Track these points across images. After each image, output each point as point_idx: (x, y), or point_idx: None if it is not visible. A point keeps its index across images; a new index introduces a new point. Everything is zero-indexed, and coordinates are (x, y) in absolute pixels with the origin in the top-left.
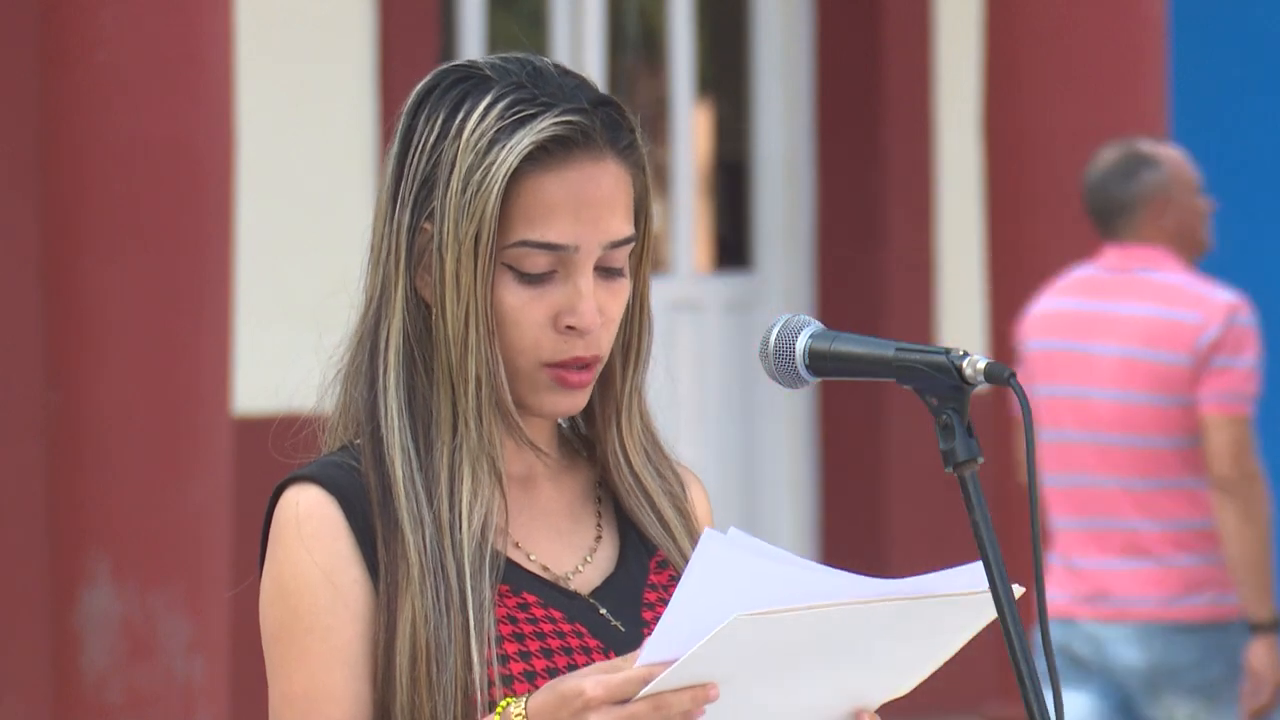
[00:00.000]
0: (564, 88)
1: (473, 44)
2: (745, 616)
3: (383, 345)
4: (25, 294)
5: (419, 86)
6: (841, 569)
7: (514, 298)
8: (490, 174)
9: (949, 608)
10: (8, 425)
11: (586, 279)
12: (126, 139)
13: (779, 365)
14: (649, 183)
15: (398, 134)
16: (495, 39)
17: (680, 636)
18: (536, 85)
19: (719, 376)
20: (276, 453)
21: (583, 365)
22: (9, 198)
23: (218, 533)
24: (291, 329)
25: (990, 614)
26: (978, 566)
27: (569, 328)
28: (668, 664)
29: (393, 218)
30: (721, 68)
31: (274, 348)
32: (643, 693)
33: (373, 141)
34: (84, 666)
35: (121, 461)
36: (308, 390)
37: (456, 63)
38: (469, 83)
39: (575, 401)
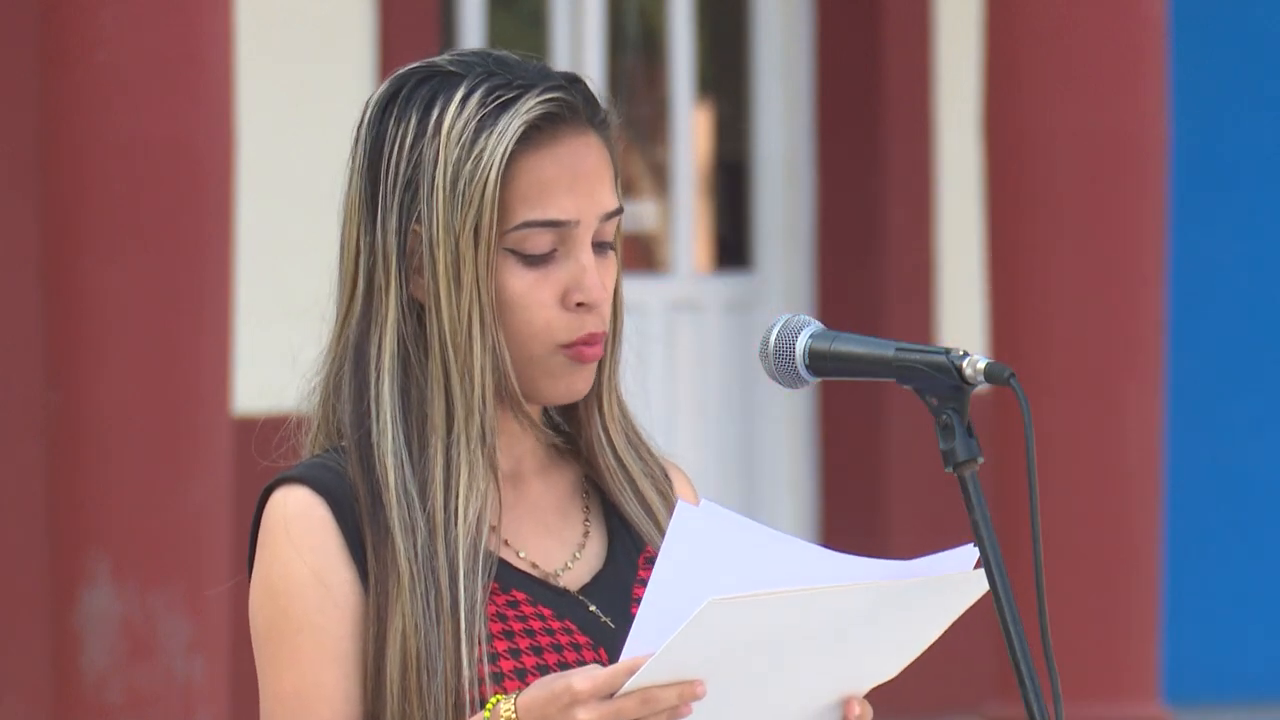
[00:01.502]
0: (531, 70)
1: (473, 44)
2: (719, 601)
3: (374, 352)
4: (25, 294)
5: (378, 93)
6: (823, 545)
7: (519, 282)
8: (483, 162)
9: (929, 590)
10: (8, 425)
11: (588, 253)
12: (126, 139)
13: (779, 365)
14: (620, 159)
15: (364, 145)
16: (495, 39)
17: (662, 621)
18: (507, 71)
19: (719, 376)
20: (263, 456)
21: (595, 341)
22: (9, 198)
23: (218, 533)
24: (291, 329)
25: (973, 595)
26: (965, 550)
27: (579, 304)
28: (651, 655)
29: (374, 225)
30: (721, 68)
31: (274, 348)
32: (627, 685)
33: None
34: (84, 666)
35: (121, 461)
36: (307, 391)
37: (413, 65)
38: (435, 81)
39: (586, 379)
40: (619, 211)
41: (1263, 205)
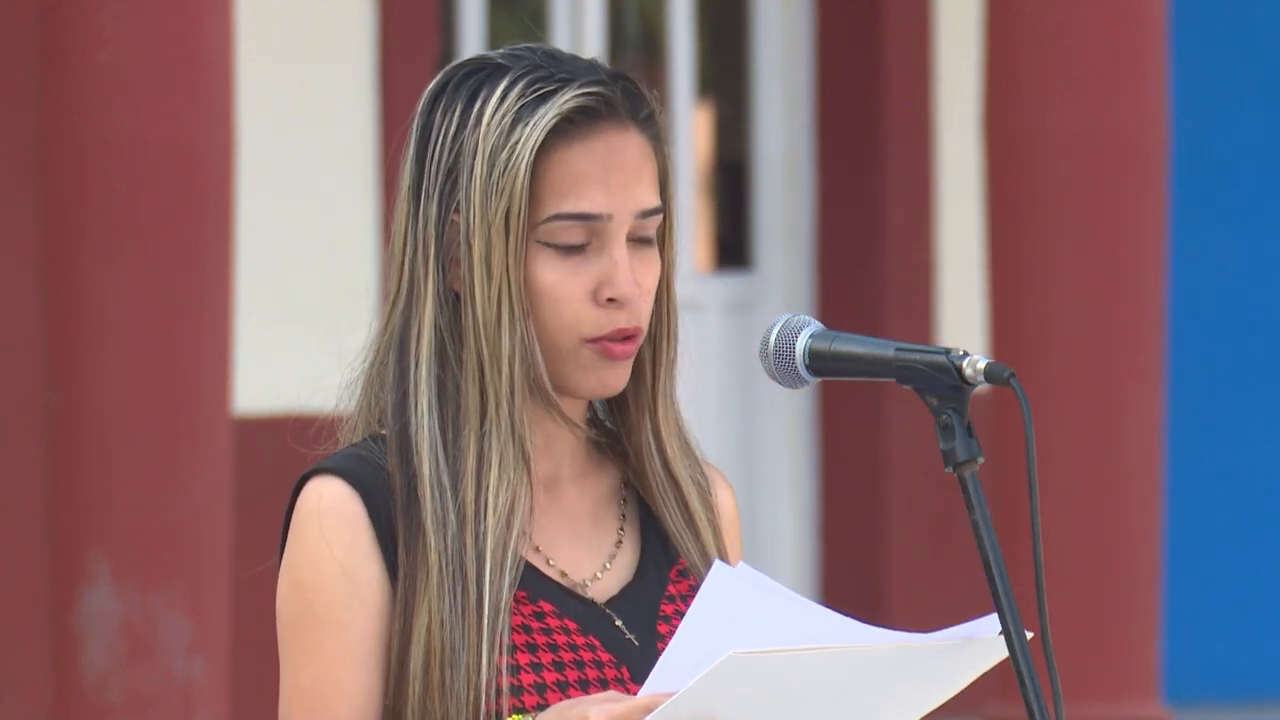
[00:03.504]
0: (578, 65)
1: (473, 44)
2: (739, 654)
3: (414, 341)
4: (25, 294)
5: (431, 84)
6: (849, 615)
7: (551, 274)
8: (516, 151)
9: (949, 653)
10: (8, 425)
11: (621, 248)
12: (126, 139)
13: (779, 365)
14: (669, 159)
15: (414, 133)
16: (495, 39)
17: (684, 667)
18: (552, 65)
19: (719, 376)
20: (295, 444)
21: (626, 337)
22: (9, 198)
23: (218, 533)
24: (291, 329)
25: (993, 659)
26: (988, 620)
27: (610, 300)
28: (670, 695)
29: (418, 214)
30: (721, 68)
31: (274, 348)
32: None
33: (373, 141)
34: (84, 666)
35: (121, 461)
36: (308, 389)
37: (466, 58)
38: (483, 73)
39: (620, 375)
40: (659, 210)
41: (1263, 205)
